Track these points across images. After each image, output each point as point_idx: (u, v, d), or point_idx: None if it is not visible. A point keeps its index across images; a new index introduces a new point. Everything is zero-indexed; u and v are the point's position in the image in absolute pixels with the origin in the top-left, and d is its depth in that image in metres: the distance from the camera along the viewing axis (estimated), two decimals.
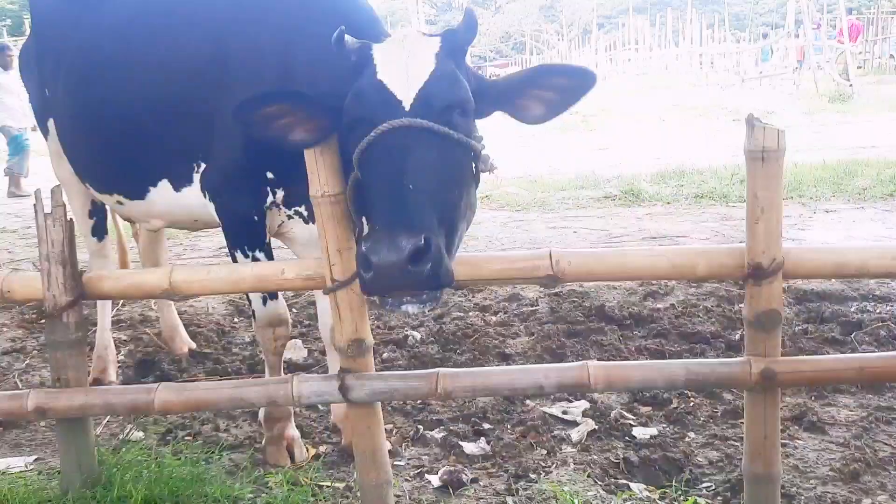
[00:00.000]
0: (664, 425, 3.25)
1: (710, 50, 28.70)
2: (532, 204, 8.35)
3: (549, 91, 2.29)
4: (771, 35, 29.15)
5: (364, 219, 2.17)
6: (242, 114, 2.33)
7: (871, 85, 21.00)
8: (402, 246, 1.86)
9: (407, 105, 2.11)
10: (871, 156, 9.84)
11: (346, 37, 2.25)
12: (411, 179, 2.02)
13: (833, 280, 4.85)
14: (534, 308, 4.76)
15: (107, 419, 3.47)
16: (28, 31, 3.87)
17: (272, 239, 2.93)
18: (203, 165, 2.82)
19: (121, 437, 3.29)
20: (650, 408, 3.41)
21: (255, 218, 2.77)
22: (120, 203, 3.25)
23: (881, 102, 17.29)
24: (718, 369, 2.27)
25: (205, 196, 2.83)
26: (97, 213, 3.77)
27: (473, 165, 2.27)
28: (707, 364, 2.31)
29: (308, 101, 2.32)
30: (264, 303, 2.90)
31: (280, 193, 2.75)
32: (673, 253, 2.31)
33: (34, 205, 2.45)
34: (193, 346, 4.32)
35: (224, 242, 2.95)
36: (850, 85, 18.76)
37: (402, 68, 2.15)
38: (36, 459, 3.15)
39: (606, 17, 58.07)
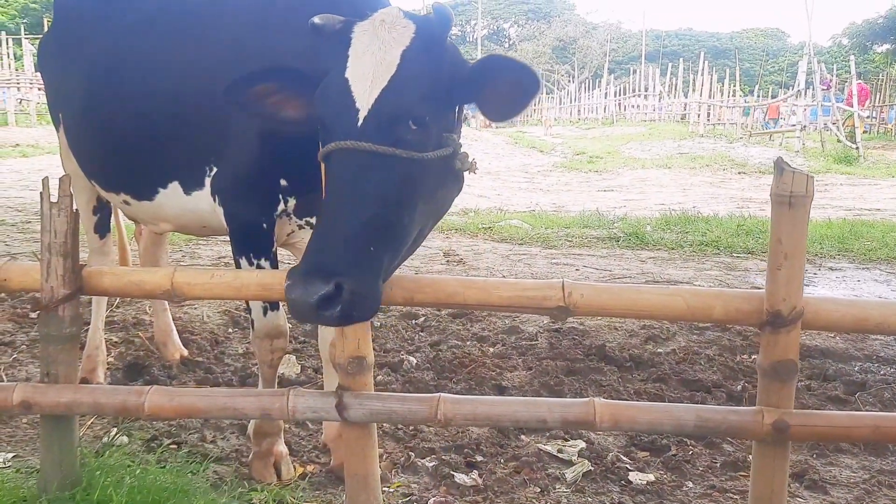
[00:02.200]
0: (661, 472, 3.17)
1: (719, 103, 28.95)
2: (535, 239, 8.33)
3: (505, 84, 2.21)
4: (778, 94, 29.38)
5: None
6: (233, 94, 2.30)
7: (876, 149, 21.19)
8: (312, 290, 1.90)
9: (361, 116, 2.07)
10: (876, 219, 9.86)
11: (324, 20, 2.20)
12: (344, 212, 2.01)
13: (837, 338, 4.80)
14: (533, 342, 4.70)
15: (91, 421, 3.38)
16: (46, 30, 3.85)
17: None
18: (215, 169, 2.77)
19: (104, 440, 3.20)
20: (648, 453, 3.33)
21: (264, 226, 2.71)
22: (126, 203, 3.19)
23: (886, 167, 17.42)
24: (729, 417, 2.20)
25: (215, 200, 2.78)
26: (101, 210, 3.72)
27: (446, 168, 2.23)
28: (718, 411, 2.24)
29: (296, 78, 2.28)
30: (264, 313, 2.84)
31: (291, 202, 2.69)
32: (689, 293, 2.25)
33: (40, 192, 2.39)
34: (185, 353, 4.24)
35: (224, 252, 2.90)
36: (856, 148, 18.89)
37: (370, 66, 2.11)
38: (14, 457, 3.06)
39: (618, 62, 58.80)
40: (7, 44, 27.44)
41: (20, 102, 25.10)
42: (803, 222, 2.11)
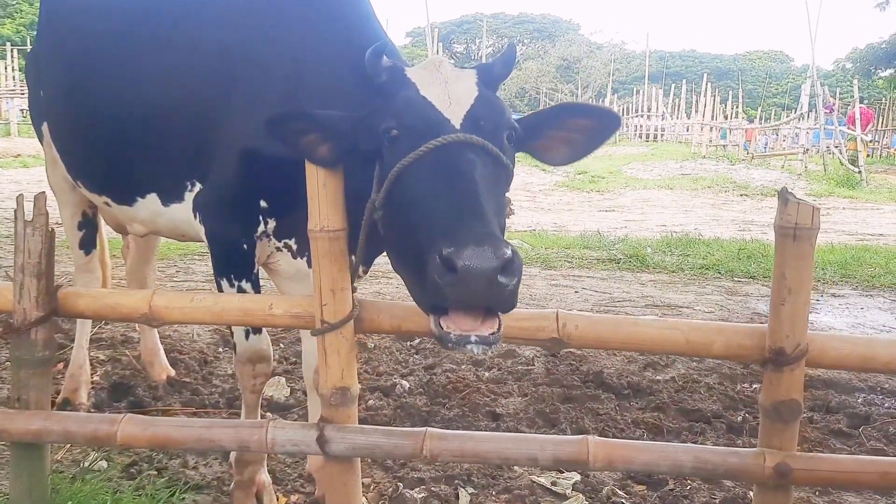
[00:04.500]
0: None
1: (721, 124, 28.89)
2: (535, 259, 8.22)
3: (574, 132, 2.19)
4: (782, 116, 29.33)
5: (403, 242, 2.03)
6: (274, 127, 2.16)
7: (878, 174, 21.08)
8: (496, 253, 1.69)
9: (456, 124, 2.00)
10: (879, 244, 9.75)
11: (386, 60, 2.15)
12: (482, 193, 1.87)
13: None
14: (529, 367, 4.59)
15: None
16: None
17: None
18: (198, 186, 2.68)
19: (83, 464, 3.09)
20: (644, 487, 3.21)
21: (245, 247, 2.63)
22: (108, 204, 3.14)
23: (889, 192, 17.30)
24: (729, 459, 2.09)
25: (195, 217, 2.70)
26: (87, 226, 3.63)
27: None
28: (717, 452, 2.13)
29: (330, 125, 2.17)
30: (246, 336, 2.74)
31: (272, 223, 2.61)
32: (689, 327, 2.15)
33: (14, 211, 2.30)
34: (173, 373, 4.14)
35: None
36: (859, 171, 18.78)
37: (444, 90, 2.05)
38: None
39: (621, 82, 58.97)
40: (12, 55, 27.48)
41: (23, 113, 25.08)
42: (808, 256, 2.01)
